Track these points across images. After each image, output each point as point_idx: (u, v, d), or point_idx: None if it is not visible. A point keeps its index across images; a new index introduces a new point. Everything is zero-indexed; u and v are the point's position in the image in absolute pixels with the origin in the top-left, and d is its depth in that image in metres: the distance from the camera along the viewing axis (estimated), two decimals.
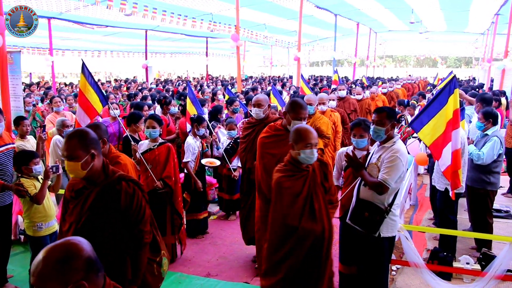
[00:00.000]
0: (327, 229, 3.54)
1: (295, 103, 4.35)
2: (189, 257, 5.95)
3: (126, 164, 3.94)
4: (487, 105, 6.72)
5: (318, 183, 3.63)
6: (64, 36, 21.59)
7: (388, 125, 4.01)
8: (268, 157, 4.37)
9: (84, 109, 5.84)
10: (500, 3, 17.23)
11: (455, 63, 67.92)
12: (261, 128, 5.20)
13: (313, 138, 3.57)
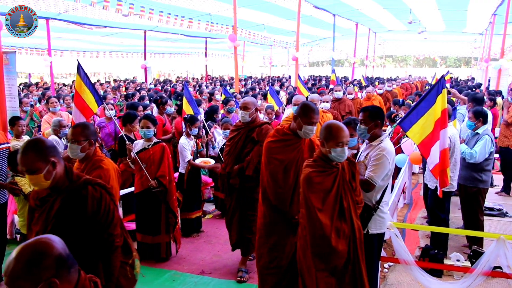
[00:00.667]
0: (356, 229, 3.52)
1: (307, 107, 4.11)
2: (184, 256, 6.01)
3: (108, 169, 3.82)
4: (478, 105, 6.80)
5: (347, 181, 3.58)
6: (63, 37, 21.65)
7: (371, 124, 4.08)
8: (275, 163, 4.14)
9: (80, 109, 5.91)
10: (497, 3, 17.29)
11: (455, 63, 67.87)
12: (247, 132, 5.23)
13: (345, 136, 3.49)
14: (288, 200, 4.08)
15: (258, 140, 5.15)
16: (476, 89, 15.45)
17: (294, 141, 4.10)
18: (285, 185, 4.08)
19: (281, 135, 4.23)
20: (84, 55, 28.13)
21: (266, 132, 5.10)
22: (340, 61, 58.64)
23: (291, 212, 4.07)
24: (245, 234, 5.35)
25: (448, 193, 5.57)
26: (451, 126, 5.66)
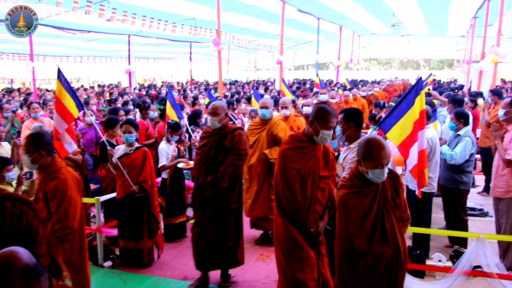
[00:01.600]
0: (401, 252, 3.22)
1: (323, 110, 3.81)
2: (167, 261, 5.98)
3: (66, 179, 3.73)
4: (459, 106, 6.87)
5: (389, 198, 3.25)
6: (46, 42, 21.47)
7: (345, 126, 4.11)
8: (292, 173, 3.76)
9: (60, 114, 5.84)
10: (477, 6, 17.53)
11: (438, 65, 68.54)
12: (219, 139, 4.99)
13: (387, 157, 3.15)
14: (304, 212, 3.80)
15: (231, 148, 4.94)
16: (458, 90, 15.62)
17: (310, 148, 3.81)
18: (302, 197, 3.77)
19: (297, 142, 3.87)
20: (68, 60, 27.90)
21: (239, 139, 4.97)
22: (325, 64, 58.91)
23: (307, 224, 3.81)
24: (222, 251, 5.08)
25: (429, 194, 5.61)
26: (431, 127, 5.72)
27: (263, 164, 6.23)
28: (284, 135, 6.16)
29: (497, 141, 5.24)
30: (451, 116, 6.14)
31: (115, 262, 5.90)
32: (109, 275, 5.63)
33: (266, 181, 6.25)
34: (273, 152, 6.08)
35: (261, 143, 6.28)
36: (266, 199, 6.23)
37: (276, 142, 6.18)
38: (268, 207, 6.19)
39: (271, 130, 6.29)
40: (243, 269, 5.67)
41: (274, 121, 6.44)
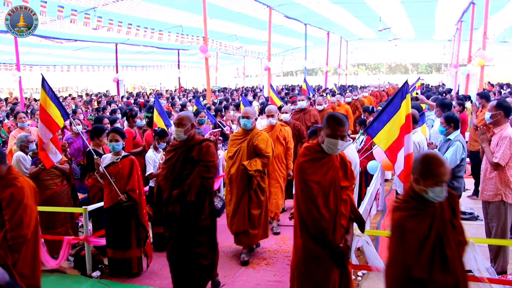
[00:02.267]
0: (462, 281, 2.97)
1: (331, 118, 3.65)
2: (156, 270, 5.91)
3: (23, 187, 3.68)
4: (446, 110, 6.88)
5: (447, 221, 3.03)
6: (32, 51, 21.36)
7: None
8: (312, 186, 3.51)
9: (45, 124, 5.79)
10: (462, 10, 17.69)
11: (426, 69, 69.20)
12: (185, 151, 4.80)
13: (447, 173, 2.95)
14: (331, 228, 3.53)
15: (199, 159, 4.73)
16: (446, 94, 15.74)
17: (328, 158, 3.60)
18: (326, 211, 3.52)
19: (313, 153, 3.65)
20: (55, 69, 27.79)
21: (207, 151, 4.77)
22: (313, 70, 59.20)
23: (334, 241, 3.54)
24: (196, 272, 4.89)
25: None
26: (419, 131, 5.72)
27: (242, 176, 5.97)
28: (265, 146, 6.01)
29: (484, 144, 5.24)
30: (441, 120, 6.09)
31: (104, 272, 5.85)
32: (98, 285, 5.55)
33: (245, 193, 6.02)
34: (253, 164, 5.90)
35: (241, 154, 6.06)
36: (246, 212, 6.01)
37: (257, 154, 6.00)
38: (248, 221, 6.00)
39: (252, 141, 6.06)
40: (233, 277, 5.63)
41: (256, 131, 6.20)
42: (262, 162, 5.97)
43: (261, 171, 5.98)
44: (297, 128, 8.08)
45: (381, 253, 6.17)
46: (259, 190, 6.05)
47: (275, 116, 7.22)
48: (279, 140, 7.19)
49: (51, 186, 6.17)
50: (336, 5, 17.94)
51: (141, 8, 15.43)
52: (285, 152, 7.26)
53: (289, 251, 6.41)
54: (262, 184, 6.08)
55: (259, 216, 6.08)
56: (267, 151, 6.02)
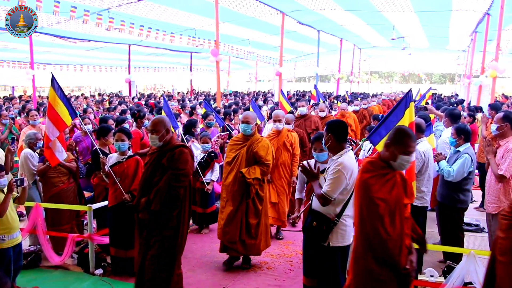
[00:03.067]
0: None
1: (402, 133, 3.43)
2: None
3: None
4: (455, 121, 6.84)
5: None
6: (46, 50, 21.60)
7: (326, 137, 4.13)
8: (380, 205, 3.27)
9: (53, 122, 5.86)
10: (476, 21, 17.59)
11: (440, 79, 68.80)
12: (156, 158, 4.55)
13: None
14: (397, 249, 3.32)
15: (169, 166, 4.42)
16: (458, 105, 15.64)
17: (392, 174, 3.40)
18: (393, 230, 3.30)
19: (378, 169, 3.41)
20: (68, 68, 28.06)
21: (178, 157, 4.44)
22: (326, 77, 59.10)
23: (401, 263, 3.33)
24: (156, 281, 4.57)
25: (421, 208, 5.57)
26: (425, 141, 5.69)
27: (240, 184, 5.72)
28: (265, 153, 5.75)
29: (489, 156, 5.21)
30: (452, 131, 6.03)
31: (106, 270, 5.89)
32: (100, 283, 5.59)
33: (243, 202, 5.76)
34: (251, 172, 5.65)
35: (240, 160, 5.80)
36: (242, 221, 5.76)
37: (256, 161, 5.74)
38: (245, 230, 5.76)
39: (252, 147, 5.79)
40: (233, 280, 5.65)
41: (256, 137, 5.92)
42: (262, 170, 5.70)
43: (260, 180, 5.72)
44: (300, 136, 7.92)
45: None
46: (257, 199, 5.82)
47: (282, 121, 7.11)
48: (285, 146, 7.09)
49: (58, 183, 6.24)
50: (350, 13, 17.92)
51: (155, 10, 15.55)
52: (291, 158, 7.14)
53: (291, 256, 6.42)
54: (260, 193, 5.85)
55: (257, 226, 5.84)
56: (267, 158, 5.76)
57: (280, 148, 7.04)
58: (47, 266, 6.05)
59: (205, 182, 7.32)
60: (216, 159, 7.49)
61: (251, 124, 5.83)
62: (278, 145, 7.04)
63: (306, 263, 4.51)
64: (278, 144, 7.05)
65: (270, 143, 6.06)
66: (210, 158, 7.41)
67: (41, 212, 5.98)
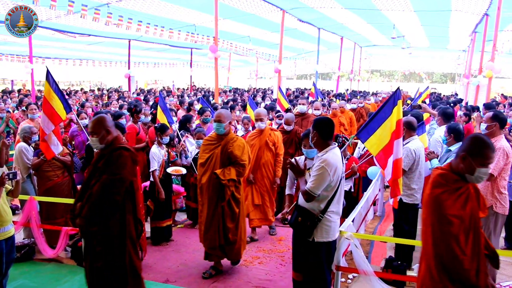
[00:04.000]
0: None
1: (480, 142, 3.08)
2: (150, 264, 6.00)
3: None
4: (448, 120, 6.91)
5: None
6: (45, 44, 21.63)
7: (312, 133, 4.17)
8: (454, 223, 2.96)
9: (48, 116, 5.92)
10: (476, 21, 17.62)
11: (441, 78, 68.76)
12: (98, 159, 4.09)
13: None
14: (474, 269, 3.01)
15: (104, 170, 3.95)
16: (455, 104, 15.67)
17: (465, 187, 3.09)
18: (469, 250, 3.01)
19: (451, 183, 3.09)
20: (67, 63, 28.11)
21: (115, 161, 3.96)
22: (328, 75, 59.13)
23: (479, 284, 3.02)
24: None
25: (411, 205, 5.64)
26: (416, 139, 5.75)
27: (214, 186, 5.45)
28: (240, 153, 5.47)
29: None
30: (445, 129, 6.10)
31: None
32: None
33: (218, 205, 5.50)
34: (226, 173, 5.38)
35: (214, 161, 5.49)
36: (220, 226, 5.52)
37: (231, 161, 5.47)
38: (223, 235, 5.53)
39: (227, 147, 5.50)
40: (224, 274, 5.71)
41: (231, 136, 5.61)
42: (237, 171, 5.44)
43: (236, 181, 5.47)
44: (299, 136, 7.62)
45: (374, 257, 6.26)
46: (233, 201, 5.55)
47: (264, 120, 6.96)
48: (268, 145, 6.96)
49: (53, 177, 6.30)
50: (349, 11, 17.96)
51: (155, 6, 15.59)
52: (274, 158, 7.03)
53: (283, 251, 6.49)
54: (236, 195, 5.59)
55: (235, 229, 5.59)
56: (242, 158, 5.48)
57: (263, 147, 6.94)
58: (41, 259, 6.12)
59: None
60: None
61: (224, 123, 5.49)
62: (261, 144, 6.95)
63: (294, 258, 4.57)
64: (260, 143, 6.96)
65: (246, 142, 5.73)
66: None
67: (35, 205, 6.03)
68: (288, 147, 7.64)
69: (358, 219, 6.15)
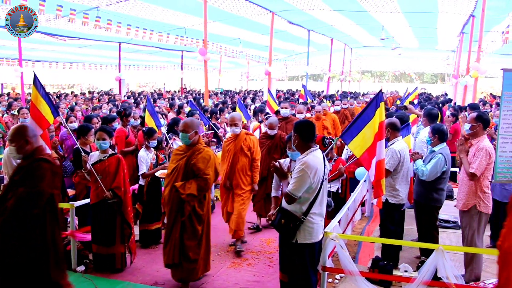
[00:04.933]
0: None
1: None
2: (139, 267, 6.03)
3: None
4: (433, 120, 7.00)
5: None
6: (35, 47, 21.55)
7: (293, 136, 4.23)
8: None
9: (36, 120, 5.93)
10: (463, 22, 17.77)
11: (432, 78, 69.15)
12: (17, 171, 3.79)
13: None
14: None
15: (22, 183, 3.68)
16: (444, 104, 15.83)
17: None
18: None
19: None
20: (57, 66, 28.00)
21: (33, 173, 3.71)
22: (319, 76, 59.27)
23: None
24: None
25: (397, 205, 5.71)
26: (401, 140, 5.83)
27: (174, 200, 5.15)
28: (204, 166, 5.11)
29: (462, 155, 5.36)
30: (429, 130, 6.18)
31: (88, 267, 5.96)
32: (81, 279, 5.66)
33: (177, 221, 5.19)
34: (187, 186, 5.05)
35: (177, 173, 5.17)
36: (177, 243, 5.19)
37: (194, 174, 5.12)
38: (180, 253, 5.20)
39: (191, 158, 5.16)
40: (213, 276, 5.75)
41: (198, 147, 5.24)
42: (198, 185, 5.06)
43: (196, 196, 5.08)
44: (283, 140, 7.41)
45: (362, 258, 6.33)
46: (194, 217, 5.18)
47: (238, 125, 6.65)
48: (243, 151, 6.65)
49: None
50: (339, 13, 18.06)
51: (145, 9, 15.60)
52: (250, 164, 6.71)
53: (271, 252, 6.54)
54: (198, 211, 5.20)
55: (195, 248, 5.22)
56: (206, 172, 5.10)
57: (238, 153, 6.65)
58: None
59: None
60: None
61: (189, 132, 5.16)
62: (236, 150, 6.67)
63: (280, 259, 4.62)
64: (235, 149, 6.67)
65: (213, 155, 5.34)
66: None
67: None
68: (273, 152, 7.51)
69: (344, 220, 6.23)
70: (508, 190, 6.33)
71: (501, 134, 4.43)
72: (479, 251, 5.27)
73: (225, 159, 6.73)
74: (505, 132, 4.42)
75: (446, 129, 6.13)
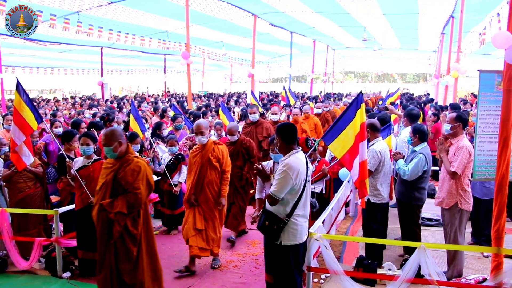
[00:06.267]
0: None
1: None
2: None
3: None
4: (413, 120, 7.12)
5: None
6: (15, 53, 21.32)
7: (276, 139, 4.29)
8: None
9: (19, 126, 5.90)
10: (443, 23, 18.02)
11: (414, 78, 69.98)
12: None
13: None
14: None
15: None
16: (425, 104, 16.03)
17: None
18: None
19: None
20: (38, 71, 27.71)
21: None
22: (303, 77, 59.57)
23: None
24: None
25: (379, 204, 5.80)
26: (381, 141, 5.93)
27: (102, 219, 4.59)
28: (133, 179, 4.49)
29: (442, 154, 5.46)
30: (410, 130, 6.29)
31: (74, 272, 5.93)
32: (67, 285, 5.65)
33: (110, 244, 4.61)
34: (115, 204, 4.45)
35: (105, 189, 4.60)
36: (113, 267, 4.61)
37: (124, 189, 4.51)
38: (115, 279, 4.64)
39: (119, 171, 4.57)
40: (200, 279, 5.77)
41: (127, 158, 4.62)
42: (128, 201, 4.44)
43: (126, 214, 4.46)
44: (245, 146, 7.12)
45: (347, 257, 6.39)
46: (128, 237, 4.55)
47: (205, 133, 5.96)
48: (211, 163, 5.96)
49: (24, 189, 6.28)
50: (320, 15, 18.18)
51: (126, 14, 15.55)
52: (219, 176, 6.06)
53: (257, 254, 6.58)
54: (132, 230, 4.55)
55: (132, 271, 4.62)
56: (135, 186, 4.48)
57: (205, 165, 5.96)
58: (14, 271, 6.06)
59: (173, 184, 7.43)
60: (183, 161, 7.57)
61: (111, 145, 4.55)
62: (203, 162, 5.96)
63: (266, 260, 4.66)
64: (202, 161, 5.97)
65: (145, 165, 4.69)
66: (177, 160, 7.52)
67: (7, 217, 5.99)
68: (235, 159, 7.02)
69: (328, 220, 6.29)
70: (488, 188, 6.48)
71: (478, 134, 4.53)
72: (460, 248, 5.38)
73: (191, 172, 6.03)
74: (482, 131, 4.51)
75: (427, 129, 6.25)
